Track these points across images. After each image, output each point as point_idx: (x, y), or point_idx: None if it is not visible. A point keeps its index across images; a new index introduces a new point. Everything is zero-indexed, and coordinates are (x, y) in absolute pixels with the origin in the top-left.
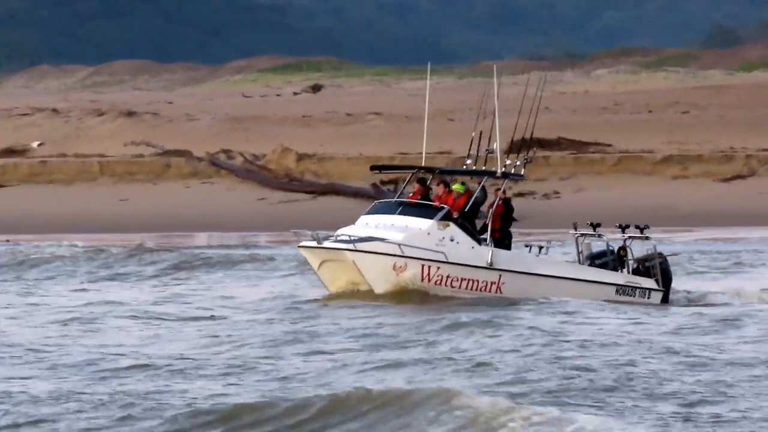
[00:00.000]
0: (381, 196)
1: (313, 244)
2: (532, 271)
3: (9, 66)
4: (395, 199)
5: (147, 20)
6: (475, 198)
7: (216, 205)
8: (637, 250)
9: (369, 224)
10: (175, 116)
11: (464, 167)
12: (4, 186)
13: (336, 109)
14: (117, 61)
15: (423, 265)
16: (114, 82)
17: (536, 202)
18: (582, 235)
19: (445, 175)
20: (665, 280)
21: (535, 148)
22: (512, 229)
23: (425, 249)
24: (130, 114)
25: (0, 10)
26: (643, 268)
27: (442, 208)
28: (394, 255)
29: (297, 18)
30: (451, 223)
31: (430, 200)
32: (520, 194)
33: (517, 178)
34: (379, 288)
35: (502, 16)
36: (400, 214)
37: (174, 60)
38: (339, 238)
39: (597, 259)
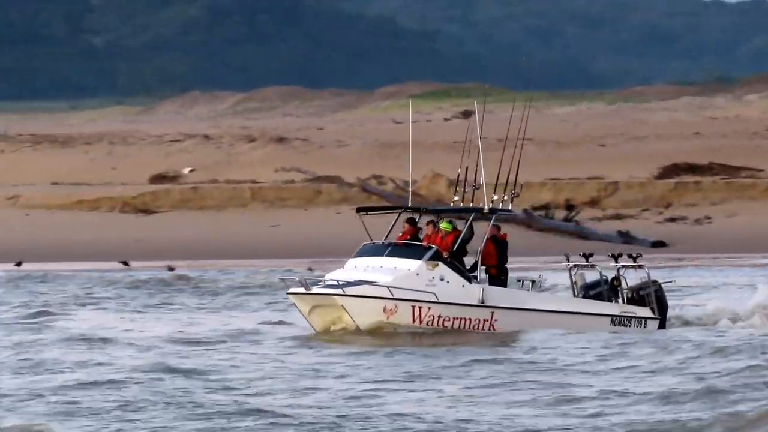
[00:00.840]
0: (532, 221)
1: (302, 290)
2: (524, 307)
3: (160, 92)
4: (383, 241)
5: (294, 45)
6: (463, 236)
7: None
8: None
9: (358, 267)
10: (326, 142)
11: (452, 204)
12: (156, 212)
13: (486, 134)
14: (267, 87)
15: (414, 307)
16: (264, 108)
17: (687, 228)
18: (575, 265)
19: (435, 214)
20: (661, 307)
21: (521, 184)
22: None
23: (415, 290)
24: (280, 140)
25: (150, 37)
26: (637, 296)
27: (431, 247)
28: (384, 297)
29: (445, 44)
30: (440, 263)
31: (420, 240)
32: (671, 219)
33: (504, 213)
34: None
35: (649, 40)
36: (388, 255)
37: (323, 86)
38: (327, 283)
39: (591, 290)
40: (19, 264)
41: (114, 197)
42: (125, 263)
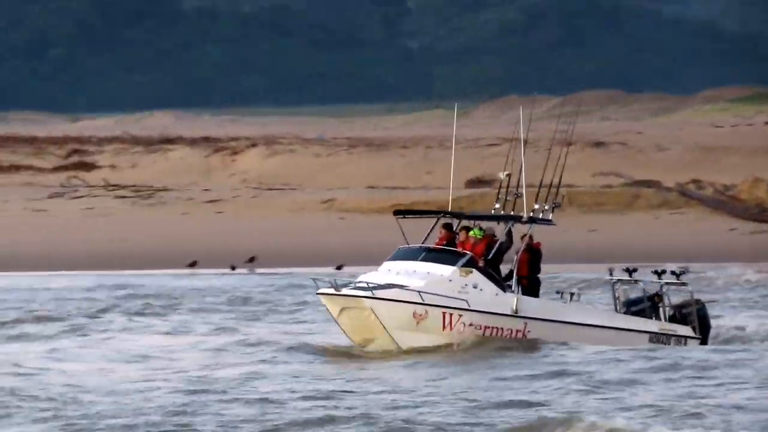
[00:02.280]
0: None
1: (332, 291)
2: (559, 319)
3: (476, 96)
4: (419, 245)
5: (612, 49)
6: (500, 244)
7: (685, 236)
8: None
9: (391, 271)
10: (645, 146)
11: (492, 212)
12: None
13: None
14: (584, 91)
15: (444, 313)
16: (581, 112)
17: None
18: (618, 281)
19: (471, 220)
20: (703, 327)
21: (563, 194)
22: None
23: (447, 296)
24: (598, 144)
25: (467, 40)
26: (679, 315)
27: (465, 254)
28: (414, 302)
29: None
30: (474, 270)
31: (456, 246)
32: None
33: (544, 223)
34: (400, 339)
35: None
36: (422, 260)
37: (642, 89)
38: (357, 285)
39: (633, 306)
40: (339, 268)
41: (429, 201)
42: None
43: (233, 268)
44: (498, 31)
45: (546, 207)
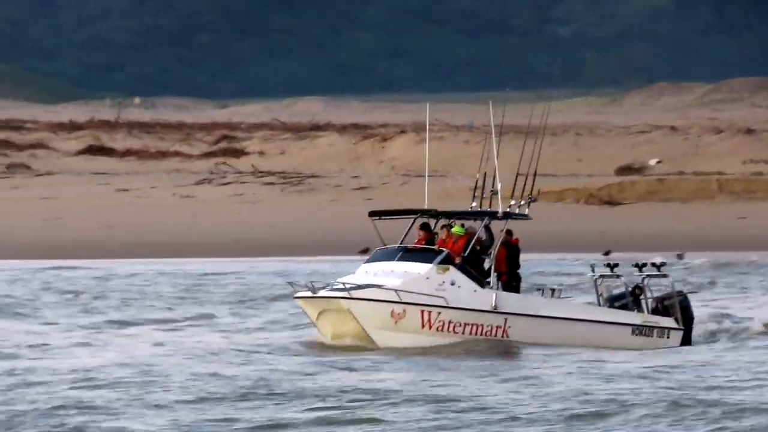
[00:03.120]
0: None
1: (309, 294)
2: (540, 314)
3: (627, 84)
4: (396, 246)
5: (764, 35)
6: (482, 241)
7: None
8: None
9: (368, 272)
10: None
11: (470, 209)
12: (622, 203)
13: None
14: (735, 78)
15: (422, 311)
16: (732, 100)
17: None
18: (600, 276)
19: (447, 218)
20: (686, 318)
21: (539, 188)
22: None
23: (424, 294)
24: (749, 131)
25: (617, 27)
26: (662, 307)
27: (442, 251)
28: (392, 301)
29: None
30: (451, 267)
31: (434, 245)
32: None
33: (519, 218)
34: (378, 339)
35: None
36: (399, 260)
37: None
38: (334, 287)
39: (617, 301)
40: (607, 253)
41: (579, 189)
42: (607, 253)
43: (364, 252)
44: (648, 18)
45: (522, 202)
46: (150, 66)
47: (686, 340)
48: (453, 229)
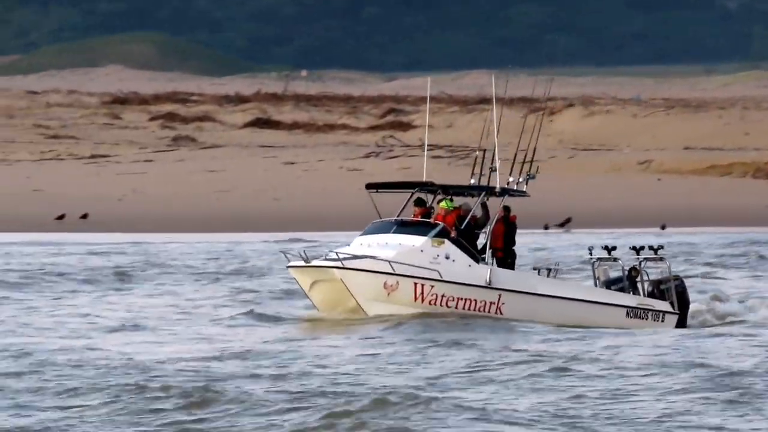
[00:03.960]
0: None
1: (302, 263)
2: (534, 291)
3: None
4: (392, 218)
5: None
6: (477, 217)
7: None
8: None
9: (363, 244)
10: None
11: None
12: None
13: None
14: None
15: (416, 284)
16: None
17: None
18: (598, 259)
19: (444, 192)
20: (682, 303)
21: (537, 165)
22: None
23: (418, 267)
24: None
25: None
26: (657, 290)
27: (437, 224)
28: (385, 273)
29: None
30: (446, 241)
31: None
32: None
33: (517, 194)
34: (371, 309)
35: None
36: (395, 232)
37: None
38: (328, 257)
39: (614, 285)
40: (663, 227)
41: (747, 162)
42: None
43: (546, 228)
44: None
45: (520, 179)
46: (317, 39)
47: (681, 324)
48: (441, 204)
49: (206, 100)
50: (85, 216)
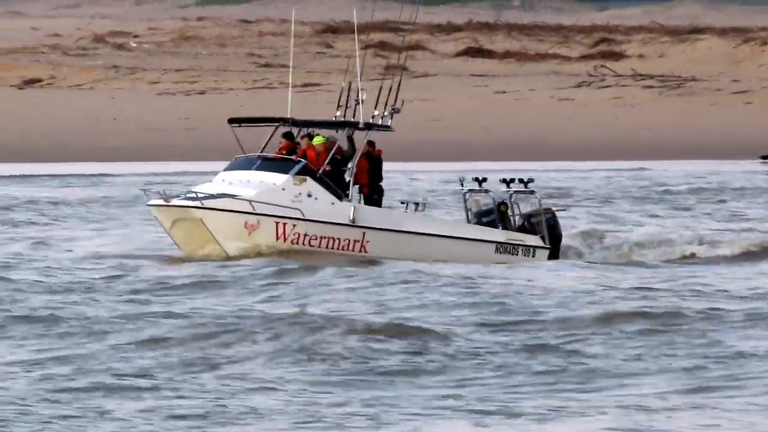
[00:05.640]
0: None
1: (161, 202)
2: (400, 229)
3: None
4: (255, 155)
5: None
6: (344, 151)
7: None
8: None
9: (225, 181)
10: None
11: (334, 119)
12: None
13: None
14: None
15: (277, 223)
16: None
17: None
18: (470, 191)
19: (306, 127)
20: (553, 237)
21: (402, 100)
22: None
23: (279, 206)
24: None
25: None
26: (528, 224)
27: (299, 161)
28: (245, 212)
29: None
30: (308, 178)
31: (295, 155)
32: None
33: (382, 129)
34: (231, 249)
35: None
36: (257, 169)
37: None
38: (187, 196)
39: (485, 217)
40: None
41: None
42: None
43: (765, 158)
44: None
45: (385, 113)
46: None
47: (554, 258)
48: (315, 140)
49: (418, 29)
50: None
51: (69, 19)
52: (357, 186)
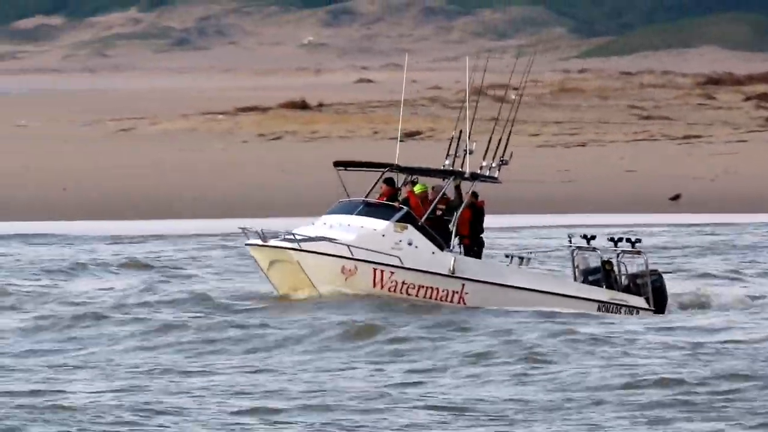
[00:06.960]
0: None
1: (259, 242)
2: (500, 282)
3: None
4: (359, 199)
5: None
6: (449, 201)
7: None
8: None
9: (326, 224)
10: None
11: (443, 168)
12: None
13: None
14: None
15: (375, 270)
16: None
17: None
18: (578, 248)
19: (412, 174)
20: (659, 299)
21: (512, 151)
22: None
23: (378, 252)
24: None
25: None
26: (633, 285)
27: (401, 208)
28: (343, 257)
29: None
30: (409, 226)
31: (397, 201)
32: None
33: (488, 180)
34: (327, 293)
35: None
36: (359, 214)
37: None
38: (286, 237)
39: (592, 275)
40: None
41: None
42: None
43: None
44: None
45: (493, 164)
46: None
47: None
48: (415, 188)
49: None
50: (676, 197)
51: (449, 72)
52: (458, 237)
